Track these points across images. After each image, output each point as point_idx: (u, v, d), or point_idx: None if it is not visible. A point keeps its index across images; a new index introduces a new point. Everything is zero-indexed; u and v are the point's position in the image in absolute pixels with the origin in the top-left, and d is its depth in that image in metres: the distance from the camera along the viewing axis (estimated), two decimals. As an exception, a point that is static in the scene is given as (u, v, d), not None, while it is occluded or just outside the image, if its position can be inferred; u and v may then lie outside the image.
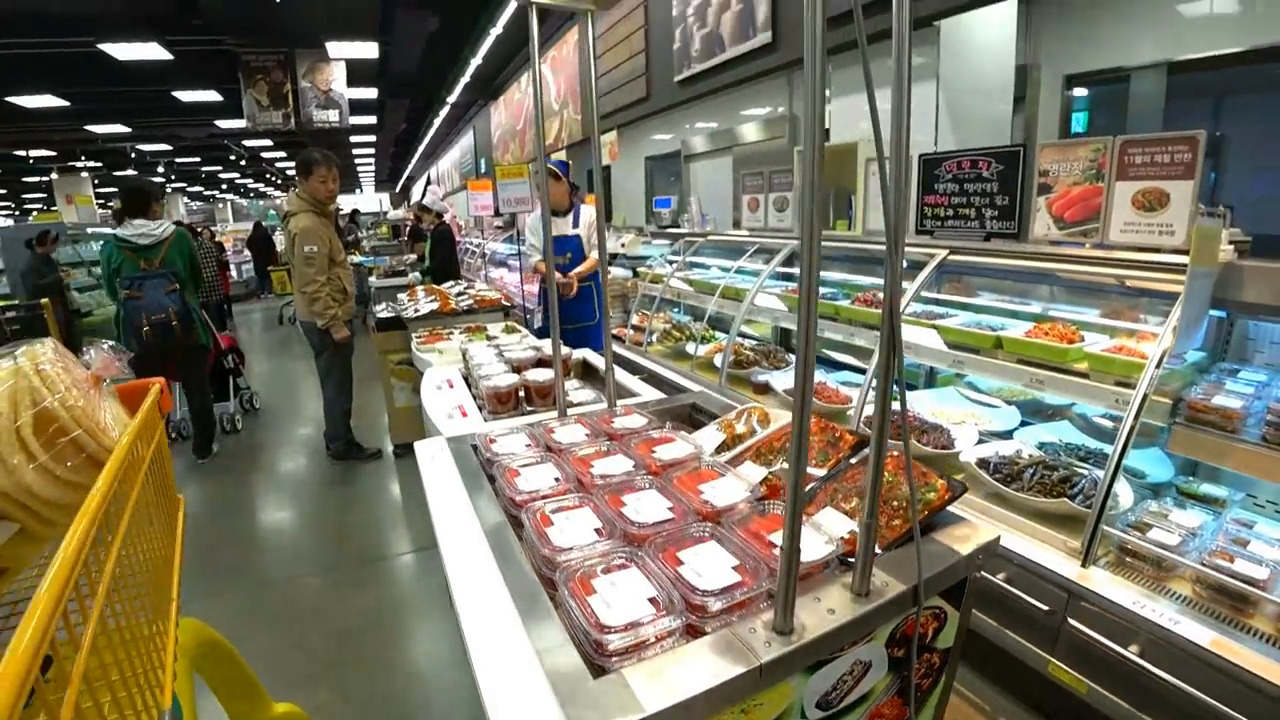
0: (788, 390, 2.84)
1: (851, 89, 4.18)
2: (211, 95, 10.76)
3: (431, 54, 9.43)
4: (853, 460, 1.37)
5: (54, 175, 15.57)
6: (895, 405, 1.00)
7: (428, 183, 22.12)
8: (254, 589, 3.17)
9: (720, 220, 4.76)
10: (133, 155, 16.00)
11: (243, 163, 19.66)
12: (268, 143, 15.82)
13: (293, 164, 20.81)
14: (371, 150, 20.28)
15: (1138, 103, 3.88)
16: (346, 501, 4.19)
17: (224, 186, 28.49)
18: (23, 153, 14.54)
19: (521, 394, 1.90)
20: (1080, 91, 4.14)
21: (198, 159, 18.95)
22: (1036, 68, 3.93)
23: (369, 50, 9.07)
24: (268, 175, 24.72)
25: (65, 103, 10.54)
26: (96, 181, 17.42)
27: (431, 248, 6.80)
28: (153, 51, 8.25)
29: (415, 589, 3.12)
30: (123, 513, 0.92)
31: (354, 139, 15.74)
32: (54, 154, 14.86)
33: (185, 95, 10.73)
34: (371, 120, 14.20)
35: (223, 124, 12.99)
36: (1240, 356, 2.21)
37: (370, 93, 11.44)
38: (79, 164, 15.51)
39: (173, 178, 21.53)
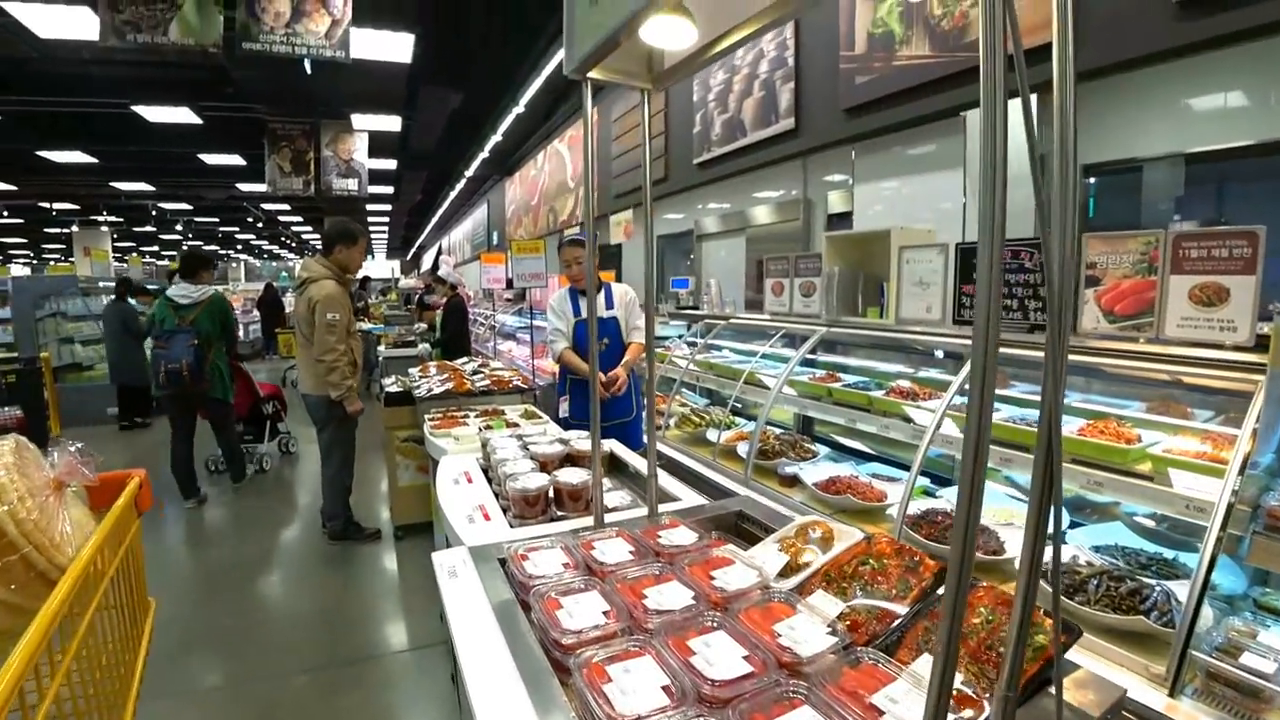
0: (817, 484, 2.69)
1: (874, 175, 4.20)
2: (235, 159, 11.08)
3: (452, 129, 9.69)
4: (940, 591, 1.22)
5: (75, 228, 15.87)
6: (934, 502, 0.84)
7: (439, 252, 22.52)
8: (235, 687, 2.91)
9: (734, 301, 4.72)
10: (154, 213, 16.33)
11: (260, 225, 20.10)
12: (286, 207, 16.19)
13: (308, 227, 21.54)
14: (386, 218, 20.77)
15: (1150, 191, 3.91)
16: (342, 586, 3.93)
17: (239, 246, 29.10)
18: (47, 204, 14.88)
19: (551, 495, 1.74)
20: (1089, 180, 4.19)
21: (216, 219, 19.42)
22: (1051, 158, 3.96)
23: (392, 124, 9.34)
24: (283, 238, 25.28)
25: (93, 159, 10.85)
26: (115, 236, 17.75)
27: (444, 319, 6.74)
28: (183, 115, 8.52)
29: (412, 693, 2.86)
30: (73, 636, 0.83)
31: (370, 206, 16.10)
32: (77, 207, 15.23)
33: (210, 158, 11.06)
34: (388, 190, 14.54)
35: (244, 187, 13.32)
36: None
37: (390, 164, 11.73)
38: (100, 218, 15.81)
39: (190, 236, 22.01)
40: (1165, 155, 3.60)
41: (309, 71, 7.15)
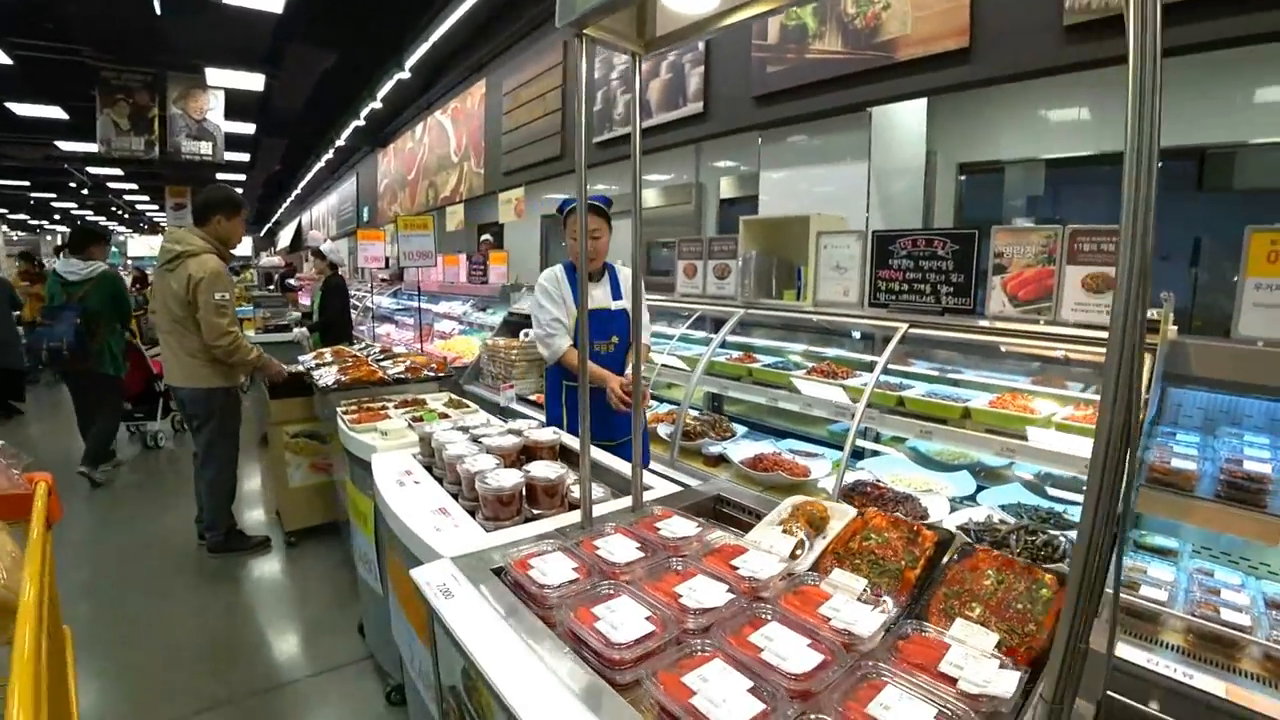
0: (744, 461, 2.77)
1: (781, 164, 4.33)
2: (55, 111, 9.45)
3: (321, 93, 8.86)
4: (944, 560, 1.28)
5: None
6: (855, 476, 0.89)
7: (298, 228, 20.71)
8: None
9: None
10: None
11: (84, 191, 17.38)
12: (118, 172, 14.10)
13: (144, 196, 18.83)
14: (240, 190, 18.73)
15: (1010, 189, 4.40)
16: (231, 606, 3.51)
17: (56, 216, 25.09)
18: None
19: (523, 492, 1.65)
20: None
21: (26, 182, 16.52)
22: (934, 154, 4.31)
23: (254, 82, 8.38)
24: (114, 208, 22.01)
25: None
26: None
27: (323, 300, 6.19)
28: None
29: None
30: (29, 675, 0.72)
31: (221, 176, 14.46)
32: None
33: (21, 108, 9.35)
34: (244, 158, 13.10)
35: (66, 146, 11.43)
36: (1172, 421, 2.43)
37: (247, 128, 10.54)
38: None
39: (-12, 200, 18.68)
40: (1024, 159, 4.10)
41: (158, 11, 6.21)
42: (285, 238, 21.49)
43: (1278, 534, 1.66)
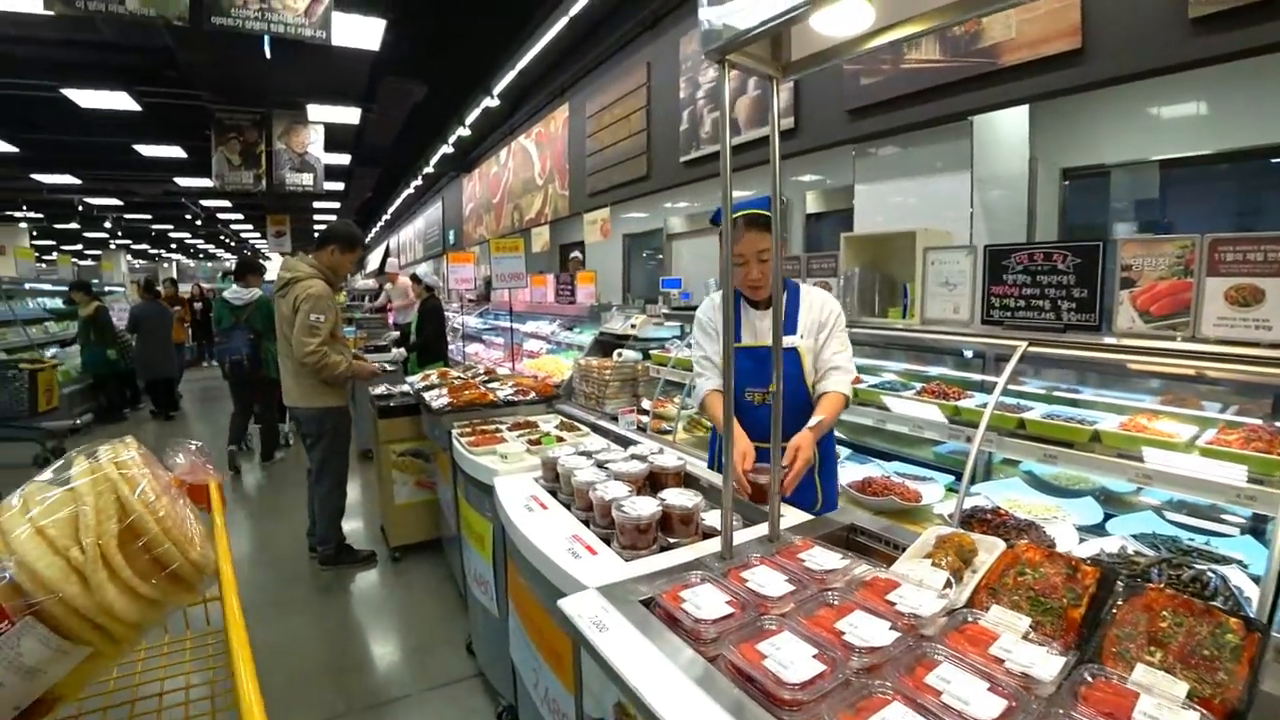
0: (853, 484, 2.73)
1: (876, 177, 4.26)
2: (175, 151, 10.34)
3: (412, 123, 9.35)
4: (1114, 597, 1.23)
5: (-11, 224, 14.65)
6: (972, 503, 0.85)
7: (386, 252, 21.79)
8: None
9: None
10: (79, 208, 15.19)
11: (197, 222, 18.96)
12: (226, 204, 15.30)
13: (249, 226, 20.33)
14: (333, 217, 19.99)
15: (1116, 193, 4.16)
16: (342, 618, 3.69)
17: (172, 245, 27.46)
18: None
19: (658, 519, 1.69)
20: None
21: (148, 215, 18.17)
22: (1036, 160, 4.14)
23: (350, 116, 8.91)
24: (221, 236, 23.87)
25: (14, 148, 9.94)
26: (34, 234, 16.45)
27: (420, 322, 6.51)
28: (120, 101, 7.81)
29: None
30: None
31: (318, 205, 15.41)
32: (-9, 201, 14.06)
33: (147, 149, 10.28)
34: (339, 187, 13.95)
35: (183, 181, 12.49)
36: None
37: (343, 159, 11.21)
38: (18, 214, 14.63)
39: (119, 234, 20.58)
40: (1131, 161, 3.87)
41: (268, 56, 6.74)
42: (373, 261, 22.65)
43: None
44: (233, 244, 26.58)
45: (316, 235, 4.27)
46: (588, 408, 4.57)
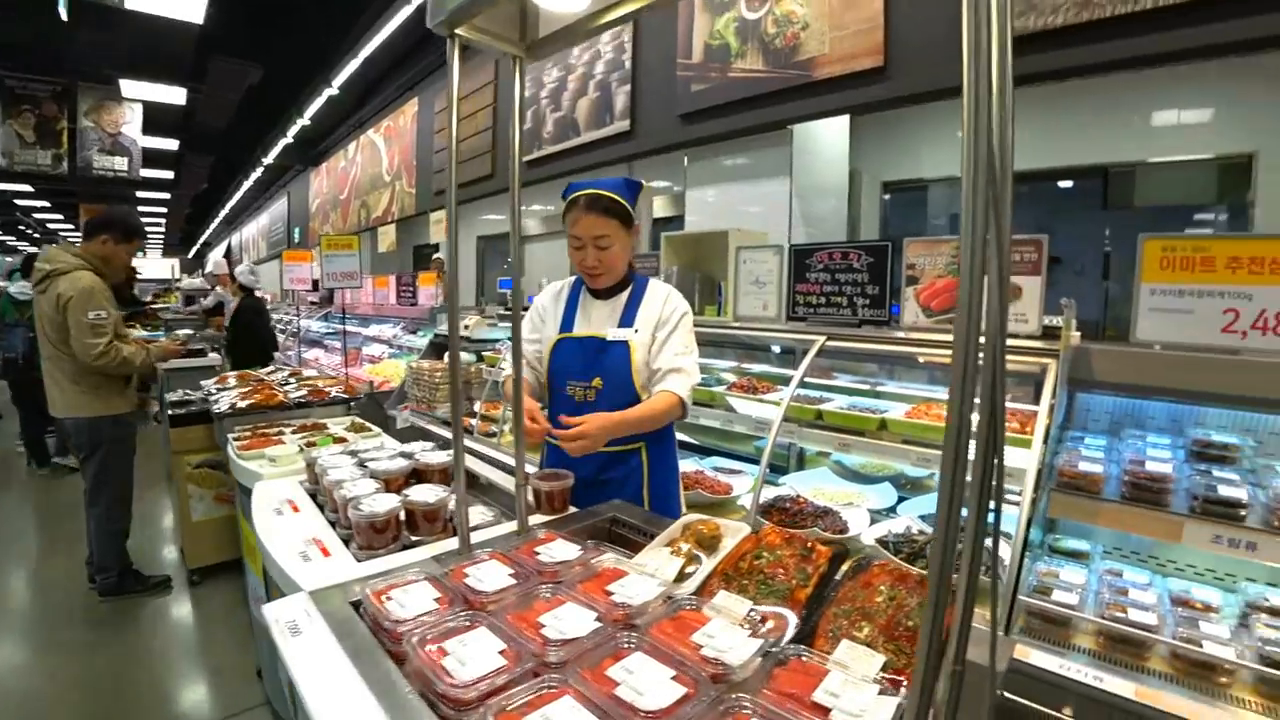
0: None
1: (707, 181, 4.34)
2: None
3: (248, 109, 8.55)
4: (838, 576, 1.22)
5: None
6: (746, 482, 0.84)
7: (228, 250, 19.93)
8: None
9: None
10: None
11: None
12: (26, 188, 13.27)
13: (58, 215, 17.72)
14: (163, 208, 17.88)
15: (934, 207, 4.52)
16: (124, 656, 3.20)
17: (-43, 235, 23.58)
18: None
19: (401, 517, 1.52)
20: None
21: (-84, 198, 15.45)
22: (859, 173, 4.40)
23: (174, 95, 7.99)
24: (21, 226, 20.72)
25: None
26: None
27: (232, 323, 5.90)
28: None
29: None
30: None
31: (142, 194, 13.75)
32: None
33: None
34: (167, 175, 12.51)
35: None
36: (1082, 425, 2.47)
37: (169, 143, 10.05)
38: None
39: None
40: (946, 177, 4.20)
41: (63, 16, 5.87)
42: (215, 262, 20.65)
43: (1178, 532, 1.67)
44: (37, 235, 23.21)
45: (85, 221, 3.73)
46: (420, 413, 4.31)
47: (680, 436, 3.47)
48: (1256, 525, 1.46)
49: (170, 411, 3.88)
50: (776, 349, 3.24)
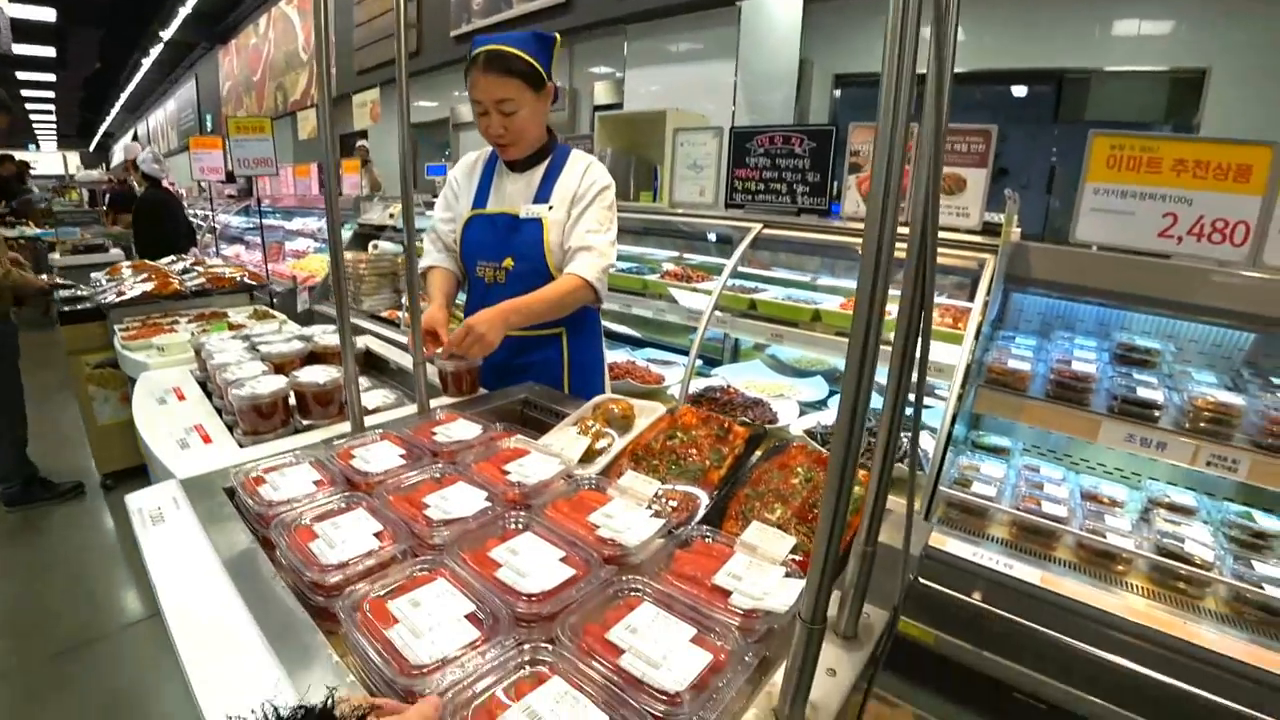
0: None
1: (646, 62, 4.04)
2: None
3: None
4: (753, 460, 1.17)
5: None
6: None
7: (135, 138, 18.22)
8: None
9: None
10: None
11: None
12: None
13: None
14: (50, 93, 15.97)
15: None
16: (35, 564, 3.05)
17: None
18: None
19: (292, 402, 1.39)
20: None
21: None
22: (809, 63, 4.17)
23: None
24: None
25: None
26: None
27: (136, 218, 5.39)
28: None
29: (154, 671, 2.33)
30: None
31: (22, 75, 12.24)
32: None
33: None
34: (49, 52, 11.08)
35: None
36: (1014, 325, 2.49)
37: (45, 13, 8.82)
38: None
39: None
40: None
41: None
42: (120, 153, 18.86)
43: (1095, 430, 1.71)
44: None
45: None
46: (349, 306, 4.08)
47: (612, 327, 3.40)
48: (1168, 426, 1.48)
49: (62, 309, 3.54)
50: (713, 237, 3.12)
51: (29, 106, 17.39)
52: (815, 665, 0.66)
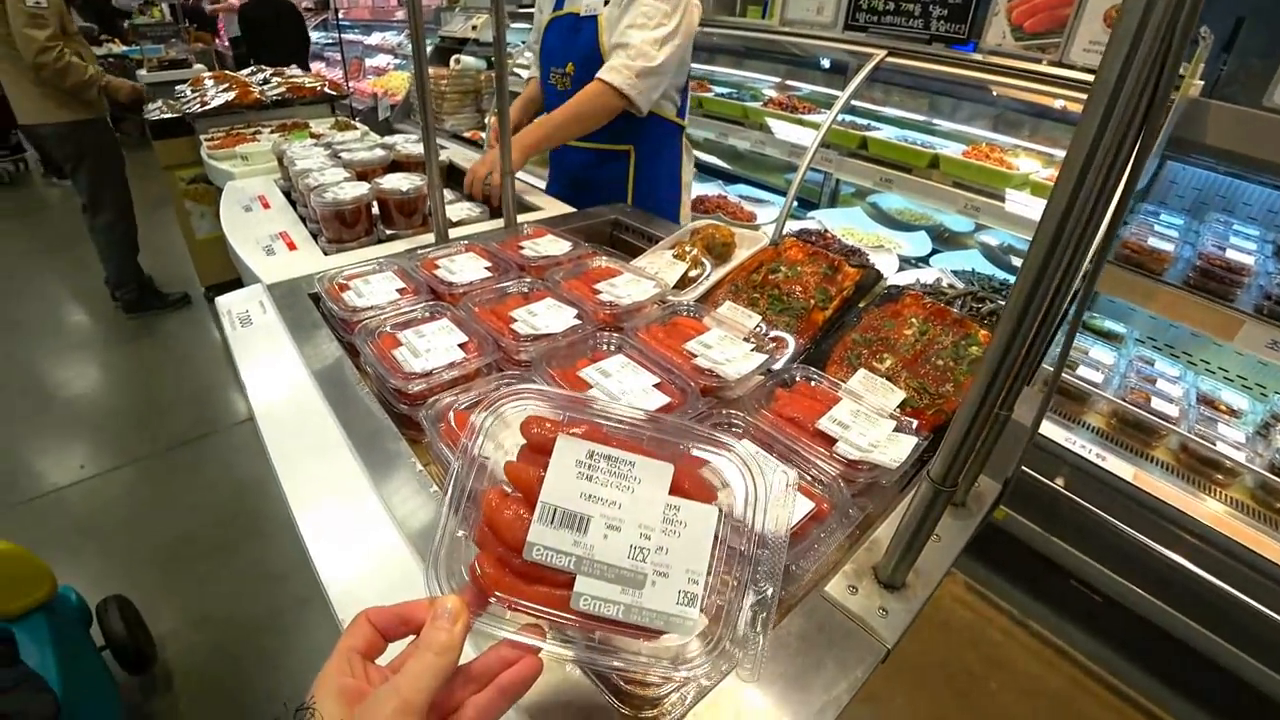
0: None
1: None
2: None
3: None
4: (863, 304, 1.05)
5: None
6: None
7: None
8: (36, 503, 2.40)
9: None
10: None
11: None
12: None
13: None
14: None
15: None
16: (154, 365, 3.31)
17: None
18: None
19: (376, 211, 1.34)
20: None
21: None
22: None
23: None
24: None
25: None
26: None
27: (243, 25, 5.22)
28: None
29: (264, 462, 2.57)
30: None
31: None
32: None
33: None
34: None
35: None
36: (1161, 199, 2.16)
37: None
38: None
39: None
40: None
41: None
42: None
43: (1235, 330, 1.52)
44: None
45: None
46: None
47: (703, 157, 3.15)
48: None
49: (150, 121, 3.56)
50: (826, 64, 2.76)
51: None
52: (934, 527, 0.60)
